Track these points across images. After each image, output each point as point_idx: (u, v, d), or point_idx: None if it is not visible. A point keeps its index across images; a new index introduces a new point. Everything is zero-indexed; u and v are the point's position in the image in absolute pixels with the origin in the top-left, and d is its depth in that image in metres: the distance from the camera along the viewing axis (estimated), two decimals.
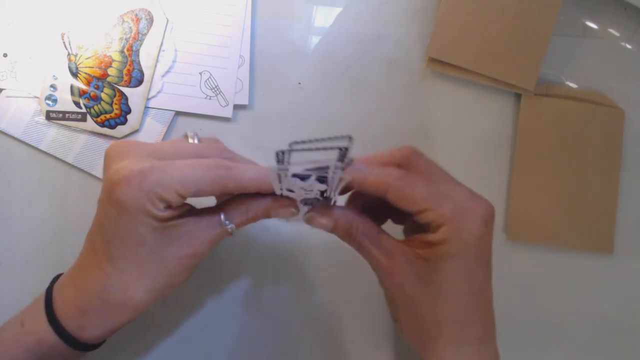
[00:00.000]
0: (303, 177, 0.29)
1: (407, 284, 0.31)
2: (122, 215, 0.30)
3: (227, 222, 0.33)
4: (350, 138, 0.27)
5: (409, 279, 0.31)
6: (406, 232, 0.37)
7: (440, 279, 0.31)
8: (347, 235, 0.33)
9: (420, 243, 0.32)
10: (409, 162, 0.32)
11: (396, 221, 0.37)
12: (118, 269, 0.31)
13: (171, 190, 0.30)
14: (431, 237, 0.30)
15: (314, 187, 0.29)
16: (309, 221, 0.33)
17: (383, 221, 0.37)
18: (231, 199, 0.34)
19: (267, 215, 0.33)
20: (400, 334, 0.34)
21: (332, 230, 0.33)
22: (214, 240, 0.33)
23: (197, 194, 0.31)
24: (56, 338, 0.33)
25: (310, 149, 0.26)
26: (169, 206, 0.31)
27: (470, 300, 0.32)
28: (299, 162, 0.27)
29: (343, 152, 0.27)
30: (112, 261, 0.31)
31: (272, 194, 0.32)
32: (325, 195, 0.31)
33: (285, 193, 0.31)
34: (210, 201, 0.36)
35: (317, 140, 0.26)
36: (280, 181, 0.29)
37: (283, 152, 0.26)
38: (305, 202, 0.32)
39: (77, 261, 0.34)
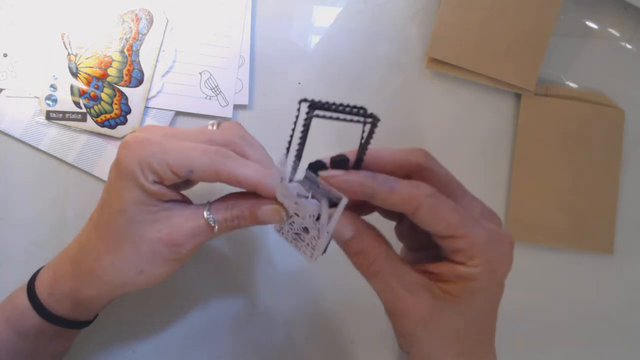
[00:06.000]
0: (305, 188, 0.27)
1: (432, 322, 0.28)
2: (118, 176, 0.30)
3: (209, 213, 0.31)
4: (373, 120, 0.25)
5: (433, 316, 0.28)
6: (411, 249, 0.33)
7: (467, 314, 0.28)
8: (362, 256, 0.28)
9: (446, 275, 0.28)
10: (422, 169, 0.29)
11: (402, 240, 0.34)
12: (98, 235, 0.32)
13: (163, 164, 0.30)
14: (462, 270, 0.27)
15: (307, 209, 0.27)
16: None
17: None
18: (223, 196, 0.33)
19: (254, 217, 0.31)
20: None
21: (347, 243, 0.29)
22: (194, 233, 0.31)
23: (190, 175, 0.30)
24: (28, 305, 0.33)
25: (330, 116, 0.25)
26: (160, 181, 0.30)
27: (491, 324, 0.31)
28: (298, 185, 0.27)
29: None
30: (97, 227, 0.32)
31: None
32: (318, 220, 0.27)
33: (281, 199, 0.30)
34: None
35: (339, 106, 0.25)
36: (281, 179, 0.28)
37: (308, 102, 0.25)
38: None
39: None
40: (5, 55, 0.43)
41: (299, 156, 0.27)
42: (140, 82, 0.44)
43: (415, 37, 0.46)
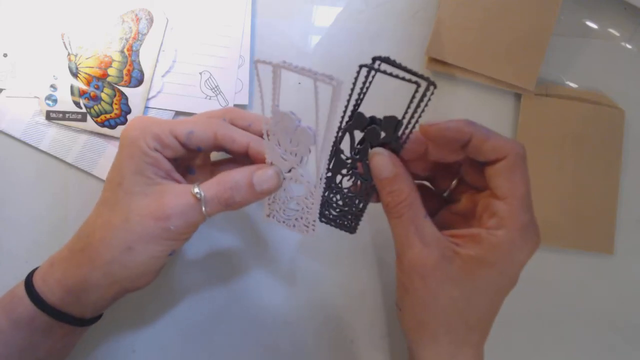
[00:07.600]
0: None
1: (432, 278, 0.29)
2: (120, 149, 0.32)
3: (197, 189, 0.31)
4: (430, 84, 0.28)
5: (436, 274, 0.29)
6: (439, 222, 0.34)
7: (470, 285, 0.29)
8: (393, 195, 0.30)
9: (465, 236, 0.30)
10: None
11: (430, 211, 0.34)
12: (96, 213, 0.33)
13: (165, 128, 0.32)
14: (484, 234, 0.29)
15: (290, 124, 0.29)
16: (371, 157, 0.31)
17: None
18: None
19: (250, 184, 0.31)
20: (399, 321, 0.33)
21: (384, 181, 0.30)
22: (182, 208, 0.31)
23: (191, 138, 0.33)
24: (24, 292, 0.33)
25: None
26: (160, 150, 0.32)
27: (488, 310, 0.31)
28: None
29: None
30: (98, 205, 0.33)
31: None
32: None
33: (270, 153, 0.31)
34: None
35: (400, 65, 0.28)
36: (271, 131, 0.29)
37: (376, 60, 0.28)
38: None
39: None
40: (5, 55, 0.43)
41: (354, 111, 0.30)
42: (140, 82, 0.44)
43: (415, 37, 0.46)
